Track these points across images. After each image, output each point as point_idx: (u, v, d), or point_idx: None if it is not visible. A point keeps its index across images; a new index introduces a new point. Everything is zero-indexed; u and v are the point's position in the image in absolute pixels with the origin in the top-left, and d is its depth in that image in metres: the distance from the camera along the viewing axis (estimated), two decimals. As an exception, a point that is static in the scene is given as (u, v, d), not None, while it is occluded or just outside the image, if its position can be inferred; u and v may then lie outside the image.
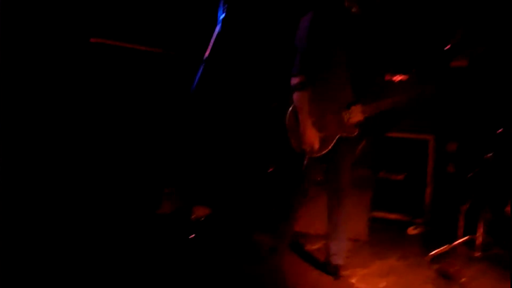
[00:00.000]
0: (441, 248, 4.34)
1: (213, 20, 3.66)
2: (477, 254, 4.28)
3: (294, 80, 3.61)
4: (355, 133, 3.60)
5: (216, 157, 4.99)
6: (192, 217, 4.57)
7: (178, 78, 4.52)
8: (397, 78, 5.31)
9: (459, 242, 4.35)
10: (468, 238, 4.36)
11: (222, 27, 3.59)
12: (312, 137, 3.59)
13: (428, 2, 5.40)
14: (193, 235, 4.26)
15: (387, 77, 5.33)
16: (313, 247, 4.52)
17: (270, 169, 4.57)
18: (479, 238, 4.30)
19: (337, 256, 3.96)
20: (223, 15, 3.59)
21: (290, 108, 3.68)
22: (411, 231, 4.97)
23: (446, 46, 5.20)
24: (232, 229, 4.70)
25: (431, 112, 5.14)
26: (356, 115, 3.53)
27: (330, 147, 3.62)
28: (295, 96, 3.62)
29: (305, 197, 4.10)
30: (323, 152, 3.66)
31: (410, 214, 5.07)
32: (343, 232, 3.98)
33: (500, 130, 4.50)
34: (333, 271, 3.92)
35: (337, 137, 3.63)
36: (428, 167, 5.10)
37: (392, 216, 5.12)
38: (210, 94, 4.02)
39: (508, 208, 4.37)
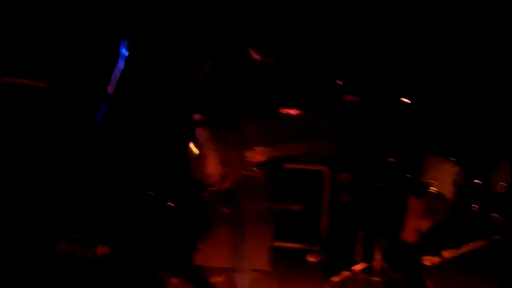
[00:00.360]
0: (341, 275, 4.47)
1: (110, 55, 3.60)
2: (375, 279, 4.46)
3: (196, 117, 3.67)
4: (257, 173, 3.63)
5: (116, 192, 4.83)
6: (92, 256, 4.37)
7: (76, 114, 4.37)
8: (292, 111, 5.51)
9: (357, 268, 4.51)
10: (366, 265, 4.53)
11: (126, 63, 3.53)
12: (213, 171, 3.61)
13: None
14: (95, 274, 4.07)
15: (284, 111, 5.52)
16: (217, 279, 4.46)
17: (169, 204, 4.48)
18: (376, 264, 4.50)
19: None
20: (127, 53, 3.54)
21: (191, 143, 3.71)
22: (310, 258, 5.10)
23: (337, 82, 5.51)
24: (135, 267, 4.54)
25: (324, 143, 5.36)
26: (258, 155, 3.59)
27: (232, 184, 3.64)
28: (197, 132, 3.67)
29: (208, 230, 4.07)
30: (226, 187, 3.66)
31: (309, 242, 5.20)
32: (246, 264, 3.98)
33: (391, 159, 4.80)
34: None
35: (239, 175, 3.65)
36: (323, 196, 5.29)
37: (292, 245, 5.23)
38: (115, 129, 3.90)
39: (401, 234, 4.63)
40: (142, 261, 4.62)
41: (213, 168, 3.59)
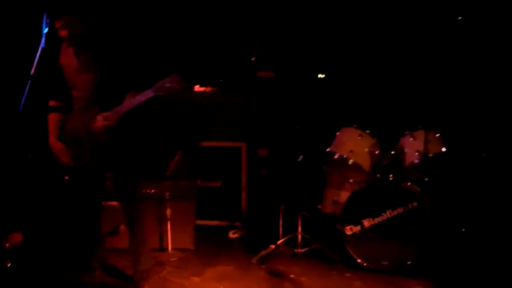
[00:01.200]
0: (266, 249, 4.55)
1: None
2: (299, 251, 4.57)
3: (50, 103, 3.85)
4: (104, 138, 3.66)
5: (29, 180, 4.60)
6: (7, 244, 4.15)
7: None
8: (205, 89, 5.49)
9: (281, 242, 4.61)
10: (288, 237, 4.62)
11: (45, 41, 3.37)
12: (58, 150, 3.77)
13: (227, 15, 5.64)
14: (9, 262, 3.88)
15: (196, 88, 5.48)
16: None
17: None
18: (298, 236, 4.61)
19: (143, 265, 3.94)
20: (46, 29, 3.37)
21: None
22: (232, 235, 5.14)
23: (251, 58, 5.54)
24: (47, 253, 4.37)
25: (242, 120, 5.39)
26: (99, 121, 3.62)
27: (88, 158, 3.71)
28: (48, 116, 3.84)
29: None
30: (83, 163, 3.73)
31: (230, 219, 5.24)
32: (143, 242, 3.95)
33: (308, 134, 4.91)
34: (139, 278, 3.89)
35: (90, 146, 3.70)
36: (242, 172, 5.33)
37: (213, 222, 5.25)
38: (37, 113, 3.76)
39: (321, 206, 4.76)
40: (55, 248, 4.47)
41: (57, 149, 3.77)
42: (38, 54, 3.30)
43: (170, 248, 4.67)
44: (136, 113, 3.68)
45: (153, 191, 4.67)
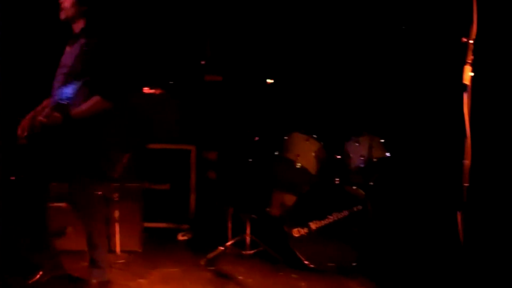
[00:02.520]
0: (214, 251, 4.59)
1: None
2: (247, 252, 4.64)
3: None
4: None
5: None
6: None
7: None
8: (154, 91, 5.49)
9: (229, 244, 4.66)
10: (236, 239, 4.68)
11: None
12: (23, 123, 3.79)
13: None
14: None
15: (147, 90, 5.48)
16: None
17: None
18: (247, 238, 4.68)
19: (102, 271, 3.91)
20: None
21: None
22: (181, 237, 5.16)
23: (201, 62, 5.59)
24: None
25: (191, 123, 5.42)
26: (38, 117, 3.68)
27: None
28: None
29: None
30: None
31: (178, 221, 5.26)
32: (101, 246, 3.92)
33: (256, 138, 4.99)
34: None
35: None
36: (191, 175, 5.35)
37: (161, 225, 5.26)
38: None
39: (268, 209, 4.85)
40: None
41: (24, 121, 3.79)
42: None
43: (118, 250, 4.64)
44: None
45: (100, 192, 4.63)
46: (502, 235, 3.49)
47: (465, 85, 2.53)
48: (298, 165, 4.61)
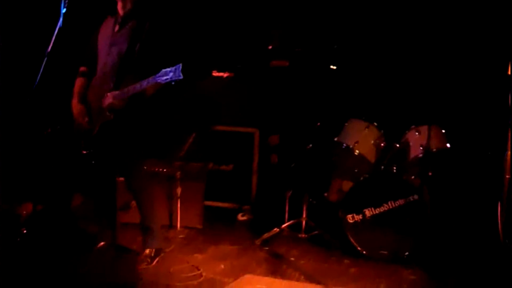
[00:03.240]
0: (270, 232, 4.71)
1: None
2: (302, 236, 4.73)
3: (80, 68, 4.11)
4: (111, 117, 3.85)
5: (39, 152, 4.84)
6: (24, 212, 4.39)
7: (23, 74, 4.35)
8: (224, 74, 5.65)
9: (285, 226, 4.77)
10: (293, 222, 4.78)
11: (63, 21, 3.57)
12: (78, 111, 3.97)
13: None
14: (24, 230, 4.11)
15: (215, 73, 5.65)
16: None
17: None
18: (303, 221, 4.77)
19: (155, 241, 4.12)
20: (64, 9, 3.57)
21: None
22: (240, 217, 5.32)
23: (268, 47, 5.68)
24: (60, 222, 4.62)
25: (256, 106, 5.55)
26: (108, 99, 3.82)
27: (96, 128, 3.92)
28: (76, 80, 4.09)
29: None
30: (92, 130, 3.94)
31: (239, 202, 5.42)
32: (153, 219, 4.12)
33: (318, 124, 5.04)
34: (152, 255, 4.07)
35: (100, 120, 3.90)
36: (254, 158, 5.49)
37: (223, 204, 5.44)
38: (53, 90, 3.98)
39: (327, 194, 4.91)
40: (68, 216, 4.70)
41: (77, 111, 3.97)
42: (55, 34, 3.47)
43: (179, 225, 4.86)
44: (148, 97, 3.84)
45: (164, 170, 4.87)
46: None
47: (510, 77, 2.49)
48: (357, 152, 4.63)
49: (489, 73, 4.30)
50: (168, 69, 3.56)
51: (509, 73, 2.45)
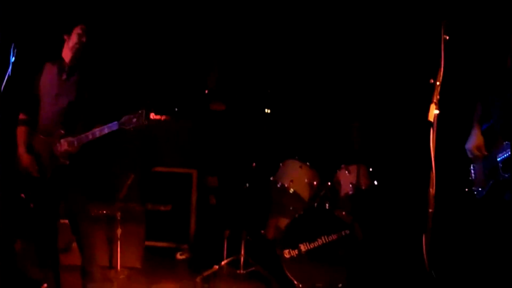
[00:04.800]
0: (209, 269, 4.85)
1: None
2: (241, 272, 4.89)
3: (20, 116, 4.14)
4: (66, 162, 3.94)
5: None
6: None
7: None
8: (160, 117, 5.83)
9: (224, 263, 4.92)
10: (231, 259, 4.94)
11: (12, 70, 3.67)
12: (27, 162, 3.99)
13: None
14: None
15: (153, 116, 5.81)
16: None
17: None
18: (241, 258, 4.94)
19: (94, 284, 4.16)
20: (13, 58, 3.67)
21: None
22: (179, 256, 5.43)
23: (205, 91, 5.93)
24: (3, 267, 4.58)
25: (194, 148, 5.74)
26: (63, 145, 3.92)
27: (49, 174, 3.98)
28: (18, 128, 4.12)
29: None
30: (41, 177, 3.99)
31: (177, 241, 5.55)
32: (93, 262, 4.17)
33: (254, 164, 5.28)
34: None
35: (53, 165, 3.97)
36: (192, 198, 5.65)
37: (162, 244, 5.54)
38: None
39: (264, 231, 5.13)
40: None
41: (24, 161, 3.99)
42: (4, 82, 3.56)
43: (119, 266, 4.92)
44: (96, 141, 3.96)
45: (104, 212, 4.95)
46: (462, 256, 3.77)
47: (431, 122, 2.83)
48: (291, 190, 4.89)
49: (412, 116, 4.70)
50: (132, 115, 3.69)
51: (429, 118, 2.80)
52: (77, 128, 3.92)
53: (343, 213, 4.75)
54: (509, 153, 3.16)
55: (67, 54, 4.03)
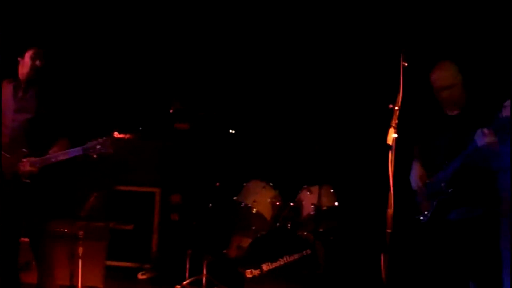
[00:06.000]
0: (171, 289, 4.87)
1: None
2: (202, 292, 4.93)
3: None
4: (28, 181, 3.88)
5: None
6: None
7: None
8: (123, 136, 5.82)
9: (187, 283, 4.94)
10: (194, 279, 4.97)
11: None
12: None
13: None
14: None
15: (116, 135, 5.80)
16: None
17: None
18: (203, 278, 4.97)
19: None
20: None
21: None
22: (141, 276, 5.42)
23: (170, 110, 5.96)
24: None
25: (158, 167, 5.77)
26: (25, 165, 3.86)
27: (10, 192, 3.90)
28: None
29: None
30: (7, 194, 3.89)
31: (139, 260, 5.53)
32: (50, 282, 4.12)
33: (217, 184, 5.34)
34: None
35: (15, 183, 3.90)
36: (154, 216, 5.66)
37: (123, 263, 5.52)
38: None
39: (226, 250, 5.16)
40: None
41: None
42: None
43: (80, 285, 4.87)
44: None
45: (66, 230, 4.91)
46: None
47: (390, 145, 2.95)
48: (254, 210, 4.95)
49: (372, 140, 4.85)
50: (96, 142, 3.71)
51: (388, 141, 2.92)
52: (42, 146, 3.90)
53: (305, 233, 4.82)
54: (450, 171, 3.32)
55: (22, 75, 4.00)
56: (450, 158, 3.33)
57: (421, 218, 3.53)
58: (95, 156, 3.78)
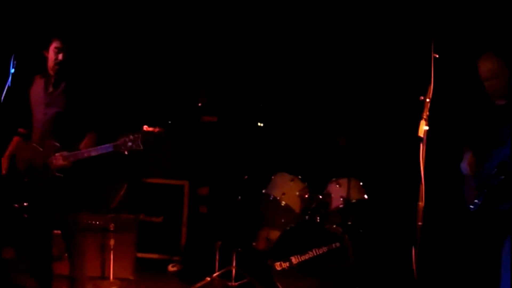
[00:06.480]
0: (201, 281, 4.88)
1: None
2: (232, 284, 4.92)
3: (19, 130, 4.20)
4: (59, 176, 3.96)
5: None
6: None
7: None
8: (153, 129, 5.88)
9: (216, 275, 4.96)
10: (223, 271, 4.98)
11: (11, 81, 3.72)
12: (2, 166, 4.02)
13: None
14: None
15: (146, 128, 5.87)
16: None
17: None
18: (233, 270, 4.98)
19: None
20: (13, 70, 3.72)
21: None
22: (171, 268, 5.46)
23: (198, 103, 6.00)
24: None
25: (186, 160, 5.80)
26: (58, 159, 3.93)
27: (42, 185, 3.99)
28: (14, 138, 4.18)
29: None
30: (38, 185, 4.00)
31: (169, 253, 5.57)
32: (81, 273, 4.19)
33: (246, 177, 5.34)
34: None
35: (46, 177, 3.99)
36: (183, 209, 5.70)
37: (153, 255, 5.56)
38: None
39: (255, 243, 5.17)
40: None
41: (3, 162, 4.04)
42: (4, 92, 3.61)
43: (111, 277, 4.94)
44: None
45: (97, 222, 4.98)
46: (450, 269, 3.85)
47: (421, 138, 2.92)
48: (283, 203, 4.95)
49: (403, 132, 4.80)
50: (127, 138, 3.75)
51: (419, 134, 2.88)
52: (72, 139, 3.96)
53: (334, 226, 4.81)
54: (500, 158, 3.24)
55: (50, 69, 4.07)
56: (497, 147, 3.26)
57: (471, 206, 3.44)
58: (126, 152, 3.82)
